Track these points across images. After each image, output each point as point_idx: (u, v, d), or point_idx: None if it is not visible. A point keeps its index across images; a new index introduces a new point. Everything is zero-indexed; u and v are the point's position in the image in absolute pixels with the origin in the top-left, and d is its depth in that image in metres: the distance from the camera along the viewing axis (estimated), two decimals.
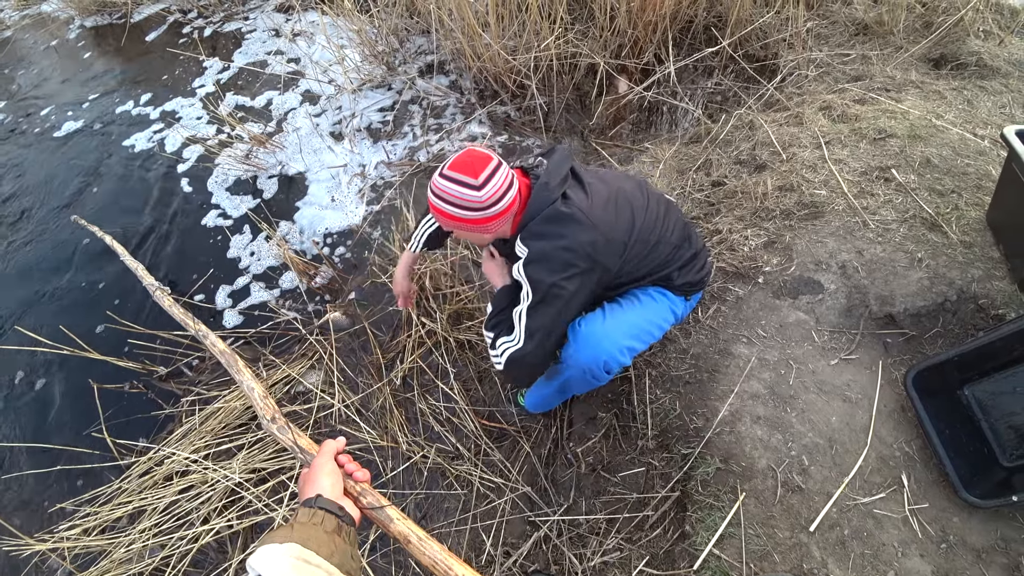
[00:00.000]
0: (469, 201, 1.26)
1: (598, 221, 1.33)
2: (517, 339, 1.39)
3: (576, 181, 1.41)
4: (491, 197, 1.27)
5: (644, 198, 1.50)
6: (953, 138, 2.13)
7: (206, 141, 3.20)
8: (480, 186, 1.25)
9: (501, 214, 1.31)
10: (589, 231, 1.31)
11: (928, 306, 1.70)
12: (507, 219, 1.35)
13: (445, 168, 1.29)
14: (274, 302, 2.46)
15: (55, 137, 3.74)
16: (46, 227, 3.14)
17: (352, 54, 3.38)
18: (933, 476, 1.50)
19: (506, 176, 1.29)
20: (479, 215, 1.29)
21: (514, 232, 1.40)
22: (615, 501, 1.73)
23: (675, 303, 1.61)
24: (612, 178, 1.51)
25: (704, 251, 1.64)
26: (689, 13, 2.97)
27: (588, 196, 1.36)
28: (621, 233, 1.39)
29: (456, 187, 1.26)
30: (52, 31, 4.96)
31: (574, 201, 1.33)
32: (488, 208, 1.28)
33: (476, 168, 1.25)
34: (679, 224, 1.55)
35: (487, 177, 1.25)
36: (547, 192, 1.33)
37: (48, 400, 2.42)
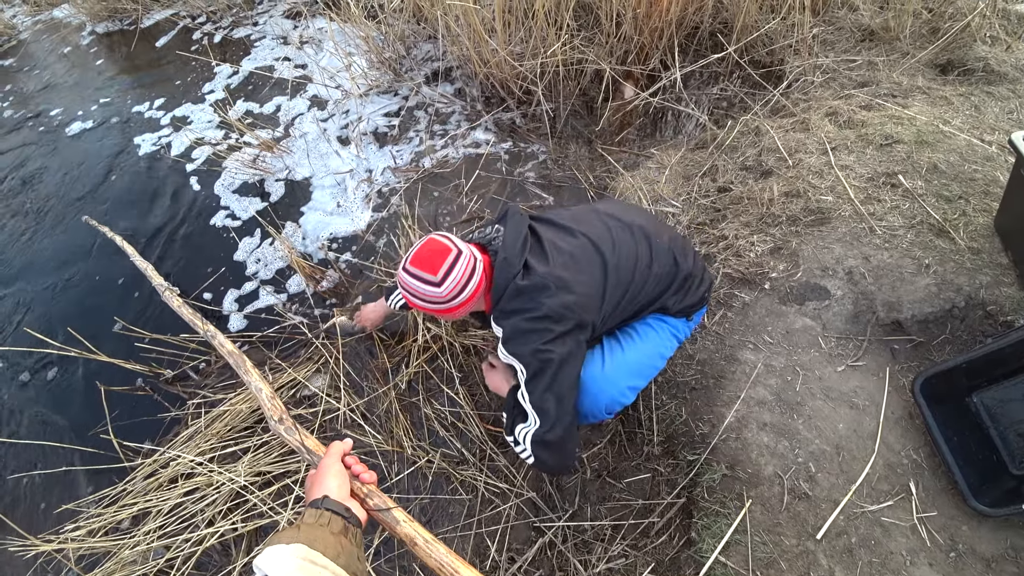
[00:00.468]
0: (431, 296, 1.30)
1: (565, 282, 1.31)
2: (532, 420, 1.35)
3: (536, 242, 1.39)
4: (451, 291, 1.29)
5: (616, 237, 1.45)
6: (960, 144, 2.12)
7: (214, 145, 3.22)
8: (439, 282, 1.27)
9: (465, 303, 1.33)
10: (558, 294, 1.30)
11: (936, 312, 1.69)
12: (475, 303, 1.37)
13: (408, 261, 1.31)
14: (280, 306, 2.47)
15: (65, 138, 3.78)
16: (55, 227, 3.17)
17: (359, 60, 3.40)
18: (942, 484, 1.49)
19: (466, 267, 1.30)
20: (444, 306, 1.32)
21: (489, 309, 1.41)
22: (620, 507, 1.72)
23: (676, 327, 1.59)
24: (580, 220, 1.47)
25: (699, 268, 1.59)
26: (695, 19, 2.97)
27: (549, 260, 1.34)
28: (592, 287, 1.37)
29: (418, 283, 1.29)
30: (64, 36, 5.01)
31: (536, 271, 1.32)
32: (451, 300, 1.31)
33: (435, 264, 1.27)
34: (664, 251, 1.49)
35: (446, 272, 1.27)
36: (508, 268, 1.32)
37: (55, 400, 2.43)
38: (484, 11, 2.78)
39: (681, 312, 1.56)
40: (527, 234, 1.39)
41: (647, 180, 2.54)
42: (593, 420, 1.56)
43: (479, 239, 1.44)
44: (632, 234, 1.47)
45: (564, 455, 1.37)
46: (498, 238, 1.39)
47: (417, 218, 2.59)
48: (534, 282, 1.30)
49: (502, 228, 1.41)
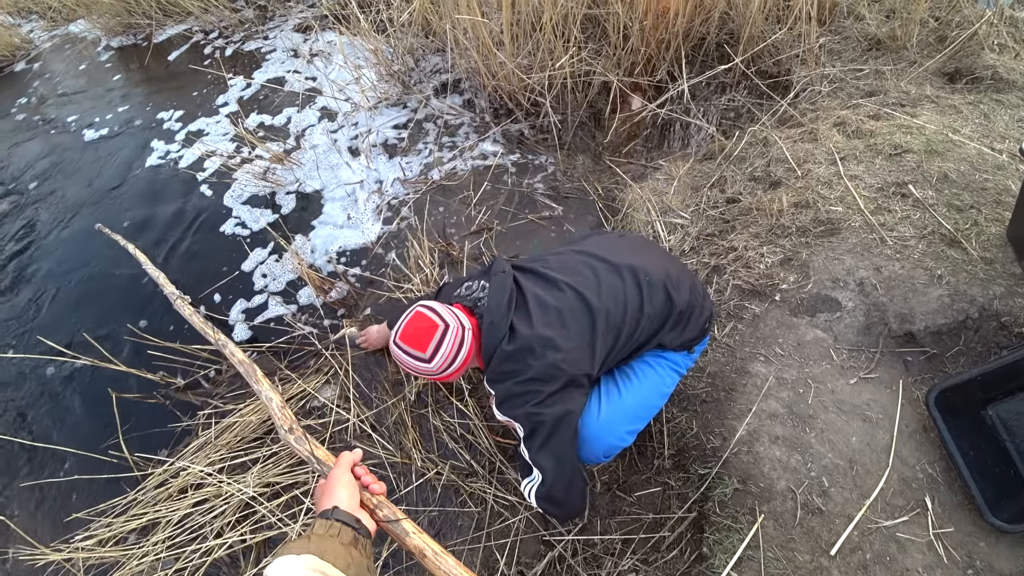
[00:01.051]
0: (423, 371, 1.34)
1: (550, 341, 1.32)
2: (535, 475, 1.38)
3: (522, 299, 1.40)
4: (441, 365, 1.32)
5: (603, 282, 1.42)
6: (971, 153, 2.11)
7: (226, 157, 3.25)
8: (429, 359, 1.31)
9: (457, 371, 1.37)
10: (544, 354, 1.31)
11: (949, 324, 1.67)
12: (467, 367, 1.40)
13: (397, 336, 1.34)
14: (290, 316, 2.48)
15: (80, 148, 3.85)
16: (68, 233, 3.22)
17: (368, 73, 3.43)
18: (958, 499, 1.47)
19: (454, 340, 1.32)
20: (437, 376, 1.36)
21: (483, 367, 1.42)
22: (631, 521, 1.71)
23: (676, 362, 1.57)
24: (566, 268, 1.46)
25: (697, 298, 1.52)
26: (701, 31, 2.98)
27: (533, 319, 1.35)
28: (580, 339, 1.36)
29: (409, 359, 1.33)
30: (80, 50, 5.10)
31: (521, 333, 1.33)
32: (442, 372, 1.34)
33: (423, 341, 1.30)
34: (657, 288, 1.45)
35: (434, 349, 1.30)
36: (495, 332, 1.34)
37: (66, 407, 2.45)
38: (492, 24, 2.80)
39: (681, 347, 1.53)
40: (512, 292, 1.39)
41: (655, 191, 2.54)
42: (591, 463, 1.57)
43: (466, 300, 1.45)
44: (621, 276, 1.44)
45: (570, 507, 1.42)
46: (484, 298, 1.41)
47: (426, 230, 2.60)
48: (519, 345, 1.32)
49: (487, 286, 1.42)
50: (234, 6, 4.64)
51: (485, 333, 1.35)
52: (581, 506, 1.44)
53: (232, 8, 4.61)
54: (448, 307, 1.38)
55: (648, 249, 1.61)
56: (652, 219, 2.39)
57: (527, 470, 1.40)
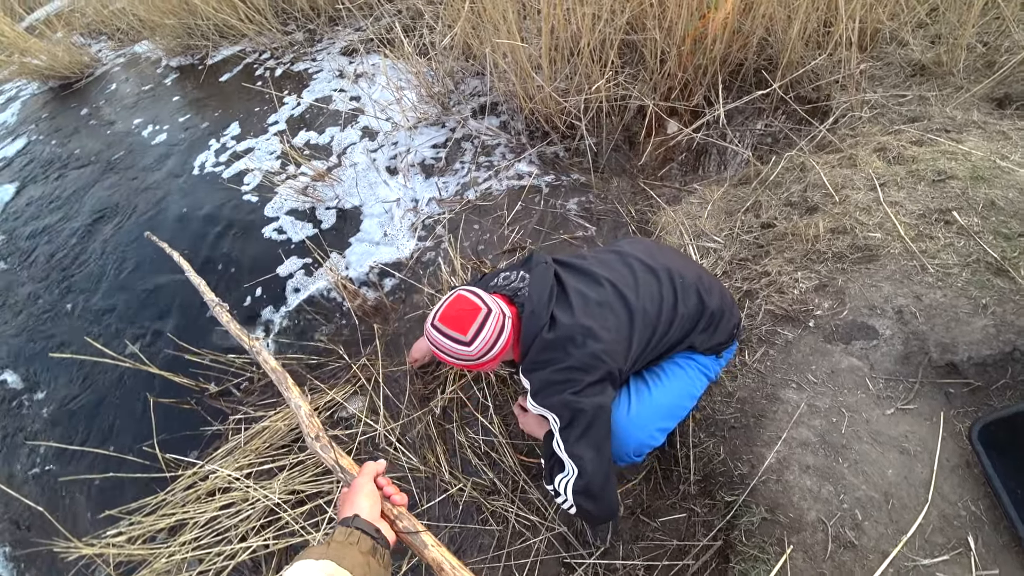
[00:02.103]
0: (460, 355, 1.31)
1: (592, 332, 1.31)
2: (570, 470, 1.34)
3: (562, 291, 1.40)
4: (481, 350, 1.30)
5: (639, 280, 1.44)
6: (1020, 179, 2.03)
7: (271, 172, 3.38)
8: (469, 342, 1.28)
9: (495, 358, 1.34)
10: (586, 344, 1.30)
11: (994, 355, 1.60)
12: (505, 355, 1.37)
13: (436, 318, 1.31)
14: (323, 328, 2.54)
15: (136, 157, 4.09)
16: (118, 241, 3.39)
17: (410, 94, 3.54)
18: (1004, 540, 1.39)
19: (495, 325, 1.30)
20: (474, 362, 1.33)
21: (518, 358, 1.41)
22: (654, 547, 1.67)
23: (706, 366, 1.58)
24: (604, 264, 1.47)
25: (728, 305, 1.56)
26: (739, 56, 2.98)
27: (575, 309, 1.34)
28: (619, 333, 1.36)
29: (447, 342, 1.30)
30: (142, 69, 5.43)
31: (562, 322, 1.32)
32: (480, 358, 1.32)
33: (464, 323, 1.27)
34: (689, 290, 1.48)
35: (475, 332, 1.28)
36: (536, 320, 1.33)
37: (106, 408, 2.56)
38: (531, 48, 2.86)
39: (710, 350, 1.54)
40: (553, 284, 1.40)
41: (689, 215, 2.52)
42: (621, 464, 1.54)
43: (505, 289, 1.45)
44: (656, 276, 1.46)
45: (607, 504, 1.35)
46: (524, 288, 1.40)
47: (461, 248, 2.64)
48: (560, 334, 1.31)
49: (527, 276, 1.42)
50: (285, 29, 4.85)
51: (526, 321, 1.34)
52: (616, 505, 1.38)
53: (283, 31, 4.83)
54: (489, 294, 1.38)
55: (680, 256, 1.64)
56: (685, 243, 2.37)
57: (560, 466, 1.36)
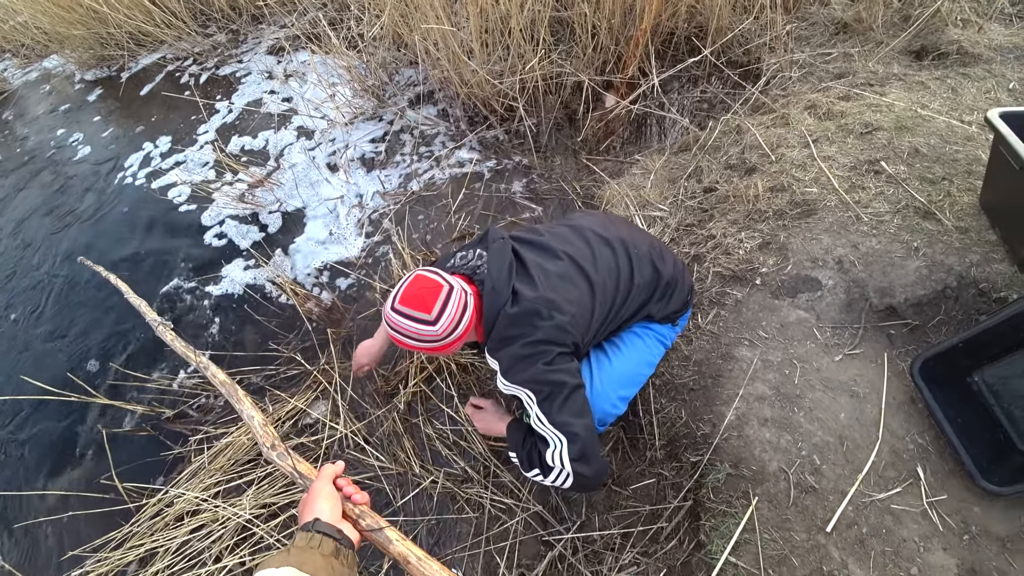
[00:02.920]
0: (426, 335, 1.25)
1: (556, 304, 1.30)
2: (557, 442, 1.28)
3: (522, 266, 1.37)
4: (447, 328, 1.25)
5: (596, 253, 1.44)
6: (940, 126, 2.13)
7: (205, 182, 3.25)
8: (434, 320, 1.23)
9: (460, 338, 1.30)
10: (552, 316, 1.28)
11: (929, 294, 1.68)
12: (468, 337, 1.34)
13: (397, 301, 1.25)
14: (276, 336, 2.47)
15: (57, 181, 3.85)
16: (45, 266, 3.20)
17: (343, 89, 3.45)
18: (949, 466, 1.47)
19: (459, 302, 1.26)
20: (439, 344, 1.28)
21: (482, 340, 1.38)
22: (628, 515, 1.71)
23: (662, 334, 1.60)
24: (561, 239, 1.46)
25: (680, 272, 1.58)
26: (669, 25, 3.01)
27: (537, 283, 1.32)
28: (582, 306, 1.35)
29: (411, 323, 1.24)
30: (54, 85, 5.11)
31: (525, 295, 1.30)
32: (446, 338, 1.27)
33: (427, 302, 1.22)
34: (644, 259, 1.49)
35: (440, 310, 1.23)
36: (497, 297, 1.30)
37: (54, 446, 2.43)
38: (461, 33, 2.82)
39: (666, 319, 1.57)
40: (512, 259, 1.37)
41: (633, 186, 2.55)
42: None
43: (463, 269, 1.41)
44: (612, 247, 1.47)
45: (601, 464, 1.33)
46: (483, 266, 1.37)
47: (409, 240, 2.61)
48: (525, 308, 1.28)
49: (484, 254, 1.40)
50: (206, 32, 4.65)
51: (487, 298, 1.30)
52: (607, 464, 1.37)
53: (204, 34, 4.62)
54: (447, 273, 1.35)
55: (632, 226, 1.65)
56: (631, 214, 2.39)
57: (543, 442, 1.32)
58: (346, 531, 0.88)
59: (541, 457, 1.33)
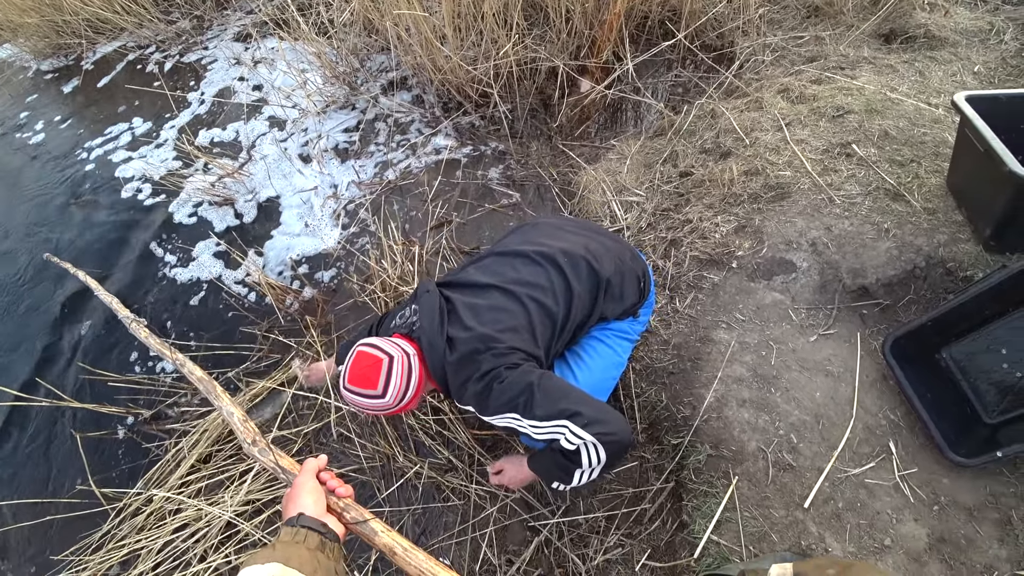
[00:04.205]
0: (381, 407, 1.32)
1: (489, 338, 1.32)
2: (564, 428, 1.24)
3: (452, 312, 1.41)
4: (396, 396, 1.31)
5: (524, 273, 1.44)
6: (908, 109, 2.17)
7: (173, 174, 3.17)
8: (382, 393, 1.29)
9: (414, 398, 1.35)
10: (490, 349, 1.31)
11: (899, 275, 1.73)
12: (423, 394, 1.40)
13: (345, 381, 1.32)
14: (254, 329, 2.44)
15: (17, 178, 3.70)
16: (10, 270, 3.09)
17: (314, 77, 3.38)
18: (920, 440, 1.52)
19: (402, 369, 1.32)
20: (395, 408, 1.34)
21: (440, 389, 1.42)
22: (612, 498, 1.73)
23: (624, 331, 1.57)
24: (488, 271, 1.48)
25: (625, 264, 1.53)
26: (643, 9, 3.01)
27: (467, 324, 1.36)
28: (519, 331, 1.36)
29: (364, 400, 1.31)
30: (8, 77, 4.89)
31: (460, 339, 1.34)
32: (400, 402, 1.33)
33: (371, 379, 1.29)
34: (580, 265, 1.45)
35: (385, 383, 1.29)
36: (434, 350, 1.35)
37: (30, 453, 2.37)
38: (434, 18, 2.78)
39: (624, 314, 1.53)
40: (441, 307, 1.41)
41: (609, 172, 2.55)
42: None
43: (403, 328, 1.46)
44: (539, 265, 1.46)
45: (614, 414, 1.28)
46: (417, 321, 1.41)
47: (386, 230, 2.58)
48: (462, 352, 1.32)
49: (417, 308, 1.44)
50: (169, 18, 4.50)
51: (427, 354, 1.36)
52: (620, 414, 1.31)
53: (167, 20, 4.48)
54: (388, 339, 1.38)
55: (564, 228, 1.61)
56: (608, 199, 2.40)
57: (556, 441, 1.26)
58: (331, 524, 0.88)
59: (567, 455, 1.28)
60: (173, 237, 2.90)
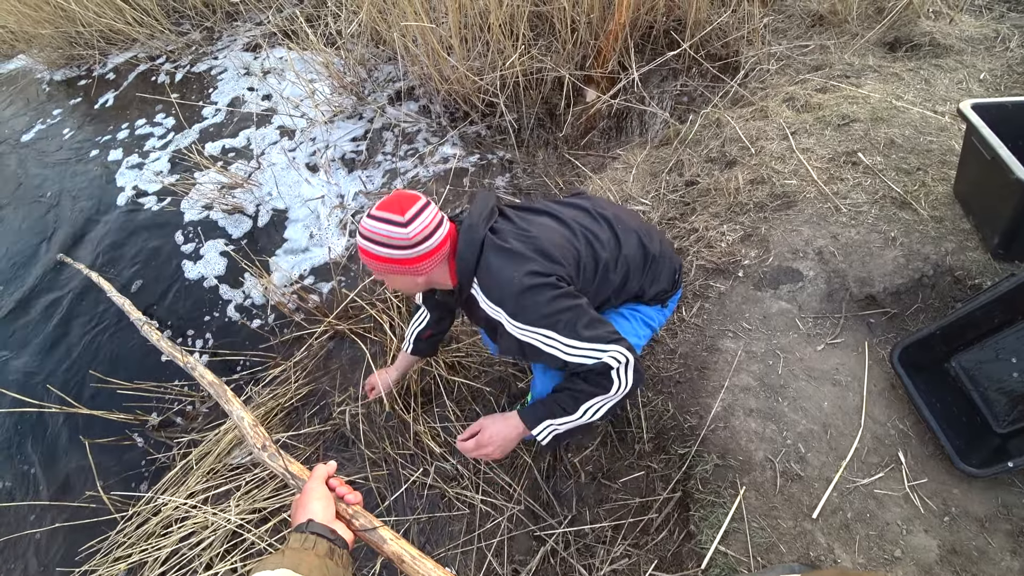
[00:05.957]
0: (396, 239, 1.22)
1: (545, 250, 1.26)
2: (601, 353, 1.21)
3: (504, 217, 1.36)
4: (418, 235, 1.22)
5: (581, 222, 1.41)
6: (914, 117, 2.17)
7: (182, 183, 3.20)
8: (407, 223, 1.21)
9: (430, 254, 1.25)
10: (547, 256, 1.26)
11: (906, 283, 1.72)
12: (437, 261, 1.28)
13: (373, 209, 1.25)
14: (262, 336, 2.45)
15: (30, 186, 3.76)
16: (25, 273, 3.13)
17: (322, 87, 3.41)
18: (929, 450, 1.51)
19: (434, 216, 1.26)
20: (407, 254, 1.23)
21: (455, 283, 1.33)
22: (619, 508, 1.72)
23: (649, 316, 1.56)
24: (545, 211, 1.44)
25: (668, 251, 1.54)
26: (648, 20, 3.02)
27: (519, 228, 1.31)
28: (566, 251, 1.31)
29: (383, 225, 1.22)
30: (22, 87, 4.97)
31: (505, 232, 1.29)
32: (416, 247, 1.23)
33: (403, 206, 1.22)
34: (630, 234, 1.45)
35: (414, 215, 1.22)
36: (473, 233, 1.27)
37: (38, 459, 2.38)
38: (440, 29, 2.80)
39: (655, 299, 1.53)
40: (494, 207, 1.35)
41: (615, 180, 2.56)
42: None
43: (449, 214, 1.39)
44: (596, 221, 1.44)
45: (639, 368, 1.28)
46: (465, 211, 1.36)
47: None
48: (513, 246, 1.25)
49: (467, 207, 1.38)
50: (179, 29, 4.56)
51: (464, 234, 1.27)
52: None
53: (178, 32, 4.54)
54: None
55: (620, 207, 1.60)
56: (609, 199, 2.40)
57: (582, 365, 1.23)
58: (340, 531, 0.88)
59: (590, 381, 1.26)
60: (181, 244, 2.93)
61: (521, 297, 1.21)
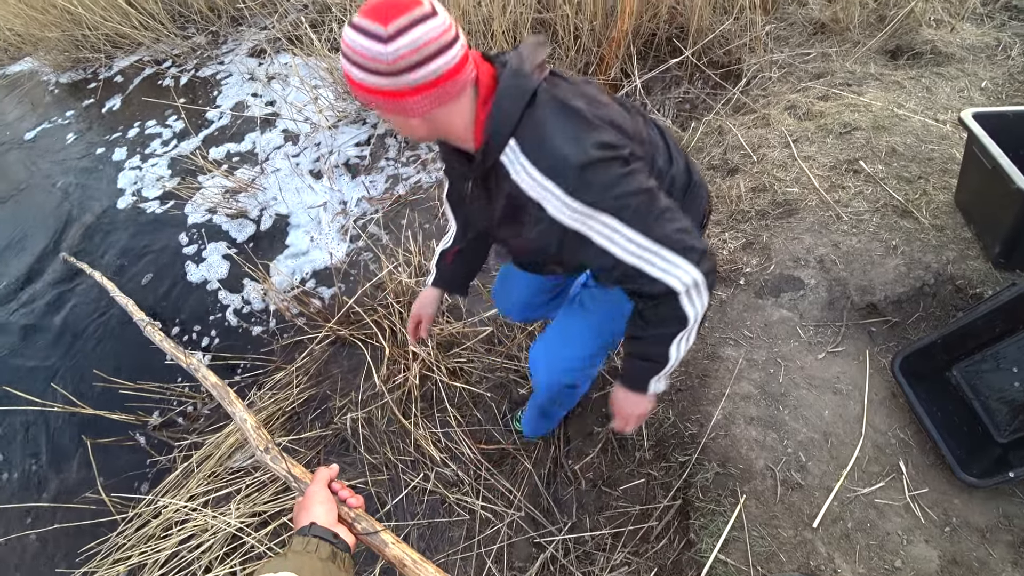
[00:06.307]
0: (371, 59, 0.84)
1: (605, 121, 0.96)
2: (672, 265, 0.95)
3: (557, 77, 1.01)
4: (402, 57, 0.83)
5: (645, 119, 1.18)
6: (916, 125, 2.18)
7: (187, 188, 3.21)
8: (388, 38, 0.82)
9: (425, 88, 0.88)
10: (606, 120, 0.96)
11: (908, 292, 1.72)
12: (441, 101, 0.91)
13: (358, 12, 0.87)
14: (263, 340, 2.46)
15: (36, 187, 3.78)
16: (29, 274, 3.14)
17: (326, 92, 3.43)
18: (930, 460, 1.50)
19: (440, 35, 0.85)
20: (386, 83, 0.86)
21: (480, 142, 0.96)
22: (619, 515, 1.72)
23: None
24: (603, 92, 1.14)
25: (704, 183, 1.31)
26: (651, 27, 3.03)
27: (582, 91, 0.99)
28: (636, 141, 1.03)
29: (360, 38, 0.84)
30: (28, 89, 5.00)
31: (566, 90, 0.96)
32: (399, 74, 0.85)
33: (389, 15, 0.82)
34: (682, 156, 1.23)
35: (403, 27, 0.82)
36: (521, 79, 0.92)
37: (41, 458, 2.39)
38: None
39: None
40: (545, 61, 1.00)
41: None
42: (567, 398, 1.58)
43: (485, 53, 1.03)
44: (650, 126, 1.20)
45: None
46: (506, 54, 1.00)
47: (398, 243, 2.60)
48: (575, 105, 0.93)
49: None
50: (185, 33, 4.59)
51: (507, 79, 0.93)
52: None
53: (183, 36, 4.56)
54: None
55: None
56: None
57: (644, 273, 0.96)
58: (342, 535, 0.88)
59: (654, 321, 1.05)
60: (184, 246, 2.94)
61: (586, 170, 0.91)
